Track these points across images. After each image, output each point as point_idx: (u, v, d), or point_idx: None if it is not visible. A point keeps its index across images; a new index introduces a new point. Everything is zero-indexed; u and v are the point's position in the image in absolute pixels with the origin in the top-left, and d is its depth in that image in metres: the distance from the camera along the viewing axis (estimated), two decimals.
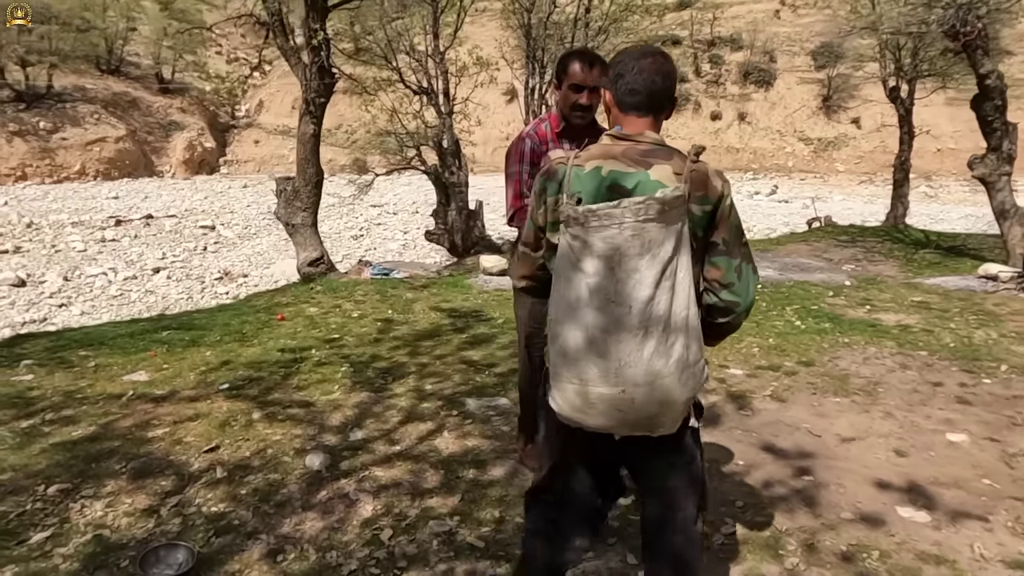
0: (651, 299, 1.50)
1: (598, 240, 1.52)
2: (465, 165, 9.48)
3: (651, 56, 1.68)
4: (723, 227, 1.62)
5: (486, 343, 5.06)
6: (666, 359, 1.52)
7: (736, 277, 1.63)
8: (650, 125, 1.68)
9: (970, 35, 6.57)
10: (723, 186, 1.61)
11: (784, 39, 38.03)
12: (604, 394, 1.55)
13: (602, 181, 1.59)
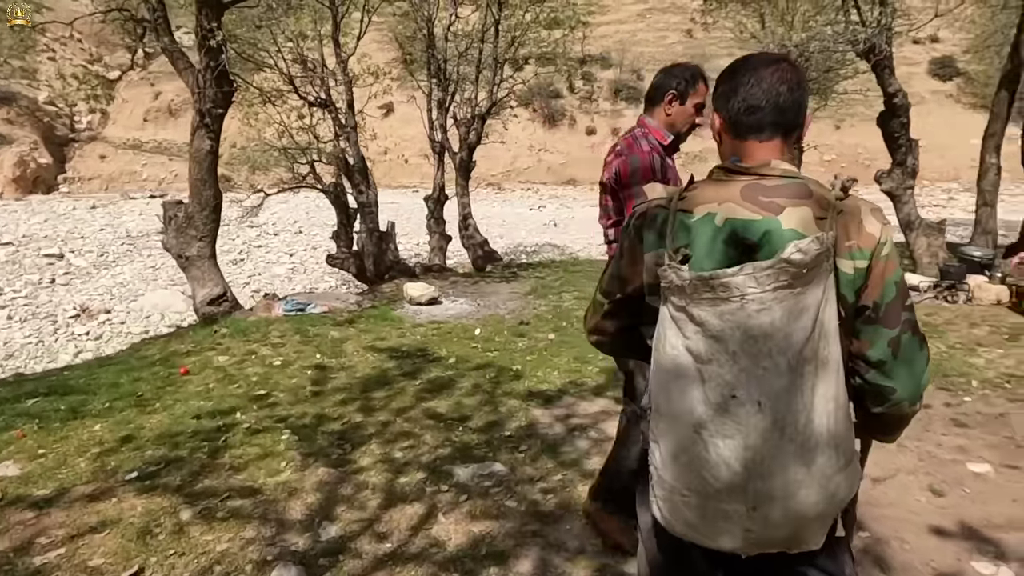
0: (786, 390, 1.14)
1: (712, 317, 1.17)
2: (374, 183, 8.71)
3: (772, 64, 1.28)
4: (875, 285, 1.19)
5: (447, 389, 4.41)
6: (808, 466, 1.16)
7: (890, 354, 1.20)
8: (777, 151, 1.27)
9: (880, 56, 6.86)
10: (882, 231, 1.20)
11: (649, 58, 40.02)
12: (727, 511, 1.21)
13: (717, 232, 1.21)
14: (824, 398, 1.15)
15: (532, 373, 4.71)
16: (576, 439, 3.69)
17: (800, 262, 1.11)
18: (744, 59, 1.33)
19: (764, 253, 1.16)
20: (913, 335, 1.21)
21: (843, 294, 1.18)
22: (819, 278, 1.13)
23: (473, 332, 5.78)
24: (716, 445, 1.18)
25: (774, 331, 1.13)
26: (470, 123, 9.56)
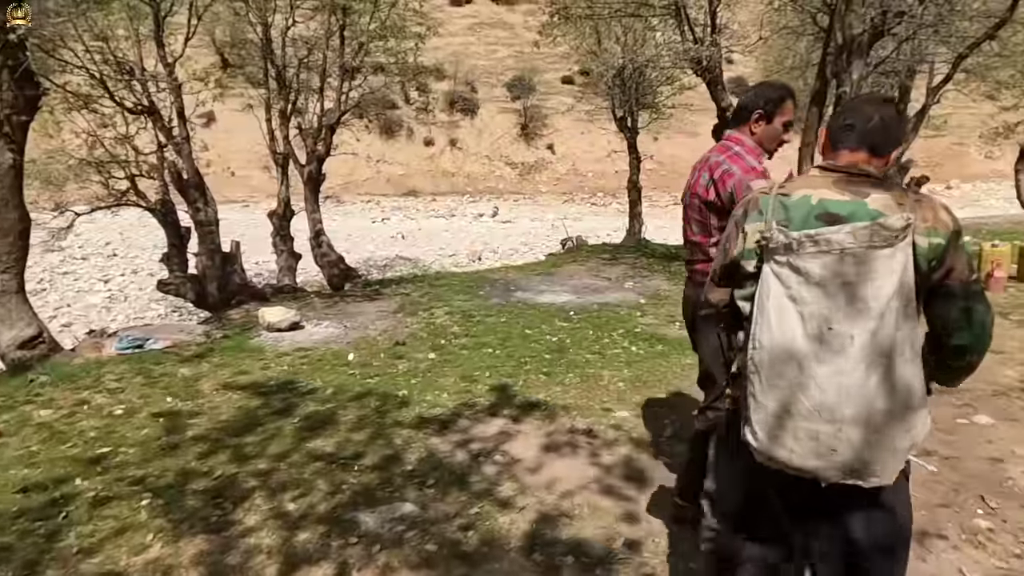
0: (875, 331, 1.43)
1: (816, 267, 1.49)
2: (212, 200, 7.88)
3: (876, 103, 1.68)
4: (958, 267, 1.51)
5: (329, 425, 4.02)
6: (890, 397, 1.43)
7: (966, 321, 1.53)
8: (865, 161, 1.63)
9: (714, 73, 7.43)
10: (954, 221, 1.52)
11: (482, 71, 40.81)
12: (815, 430, 1.47)
13: (811, 210, 1.56)
14: (905, 345, 1.42)
15: (420, 398, 4.45)
16: (482, 465, 3.50)
17: (891, 226, 1.44)
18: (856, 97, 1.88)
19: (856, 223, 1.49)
20: (980, 303, 1.53)
21: (919, 264, 1.46)
22: (903, 247, 1.44)
23: (346, 357, 5.38)
24: (812, 370, 1.45)
25: (867, 280, 1.44)
26: (318, 134, 9.00)
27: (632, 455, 3.61)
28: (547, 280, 8.54)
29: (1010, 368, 4.85)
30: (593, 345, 5.61)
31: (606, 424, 4.00)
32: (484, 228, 22.93)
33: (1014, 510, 3.06)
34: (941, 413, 4.13)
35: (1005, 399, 4.32)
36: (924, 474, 3.37)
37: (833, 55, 7.30)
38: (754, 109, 2.53)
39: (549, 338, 5.85)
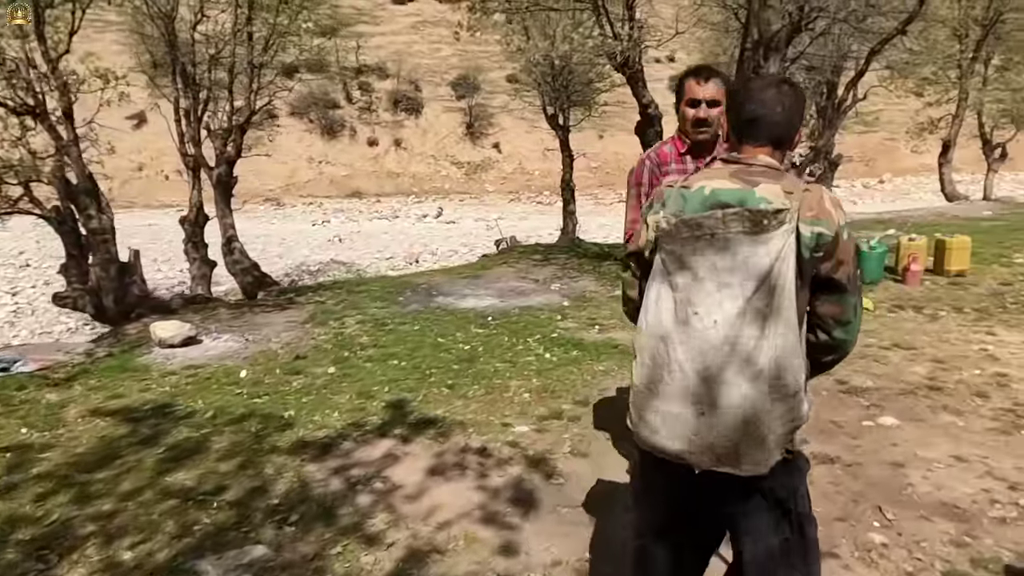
0: (741, 314, 1.44)
1: (688, 252, 1.51)
2: (107, 206, 7.33)
3: (774, 87, 1.65)
4: (846, 261, 1.53)
5: (197, 454, 3.65)
6: (755, 382, 1.43)
7: (853, 315, 1.58)
8: (768, 153, 1.63)
9: (633, 69, 7.28)
10: (840, 216, 1.53)
11: (426, 70, 40.31)
12: (681, 414, 1.48)
13: (706, 199, 1.55)
14: (775, 334, 1.42)
15: (307, 419, 4.11)
16: (357, 495, 3.20)
17: (757, 211, 1.44)
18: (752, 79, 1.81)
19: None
20: (859, 298, 1.59)
21: (801, 253, 1.45)
22: (779, 235, 1.43)
23: (238, 375, 4.99)
24: (676, 350, 1.47)
25: (735, 266, 1.44)
26: (227, 135, 8.51)
27: (524, 476, 3.37)
28: (472, 283, 8.26)
29: (919, 365, 4.80)
30: (506, 353, 5.35)
31: (502, 441, 3.74)
32: (426, 229, 22.54)
33: (910, 521, 2.92)
34: (847, 415, 4.02)
35: (912, 398, 4.24)
36: (823, 483, 3.23)
37: (750, 51, 7.24)
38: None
39: (461, 346, 5.57)
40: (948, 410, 4.05)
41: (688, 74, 2.59)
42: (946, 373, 4.62)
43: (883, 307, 6.32)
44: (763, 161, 1.58)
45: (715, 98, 2.51)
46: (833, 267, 1.50)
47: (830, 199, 1.52)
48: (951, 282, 7.13)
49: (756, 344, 1.41)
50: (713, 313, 1.45)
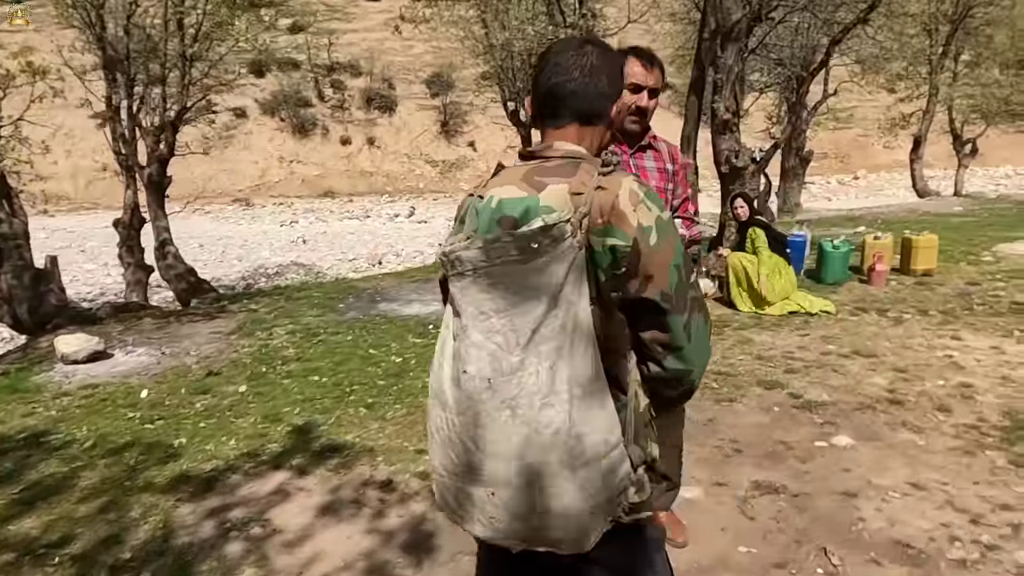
0: (518, 368, 1.11)
1: (457, 291, 1.19)
2: (20, 209, 6.78)
3: (572, 50, 1.29)
4: (658, 274, 1.16)
5: (57, 495, 3.18)
6: (544, 450, 1.10)
7: (686, 338, 1.20)
8: (573, 136, 1.28)
9: None
10: (641, 214, 1.15)
11: (399, 67, 39.78)
12: (470, 493, 1.18)
13: (492, 215, 1.23)
14: (568, 382, 1.11)
15: (198, 448, 3.66)
16: (228, 543, 2.76)
17: (524, 234, 1.10)
18: (554, 44, 1.33)
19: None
20: (699, 312, 1.21)
21: (597, 275, 1.14)
22: (562, 256, 1.10)
23: (138, 395, 4.52)
24: (454, 422, 1.18)
25: (505, 307, 1.12)
26: (159, 132, 7.98)
27: (428, 514, 2.95)
28: (422, 287, 7.83)
29: (880, 375, 4.45)
30: None
31: (412, 472, 3.32)
32: (395, 229, 22.04)
33: (858, 566, 2.54)
34: (798, 434, 3.65)
35: (870, 414, 3.88)
36: (765, 519, 2.85)
37: (708, 40, 6.88)
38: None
39: (393, 359, 5.14)
40: (908, 427, 3.69)
41: (629, 53, 2.27)
42: (907, 384, 4.28)
43: (845, 310, 5.99)
44: (562, 150, 1.25)
45: (656, 87, 2.27)
46: (641, 285, 1.15)
47: (629, 196, 1.15)
48: (918, 282, 6.83)
49: (543, 403, 1.10)
50: (483, 370, 1.12)
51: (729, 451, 3.50)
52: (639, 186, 1.18)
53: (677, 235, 1.20)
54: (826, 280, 6.85)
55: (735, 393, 4.22)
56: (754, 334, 5.44)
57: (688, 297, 1.18)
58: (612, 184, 1.16)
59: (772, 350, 5.03)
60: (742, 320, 5.83)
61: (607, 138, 1.34)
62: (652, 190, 1.22)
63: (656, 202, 1.19)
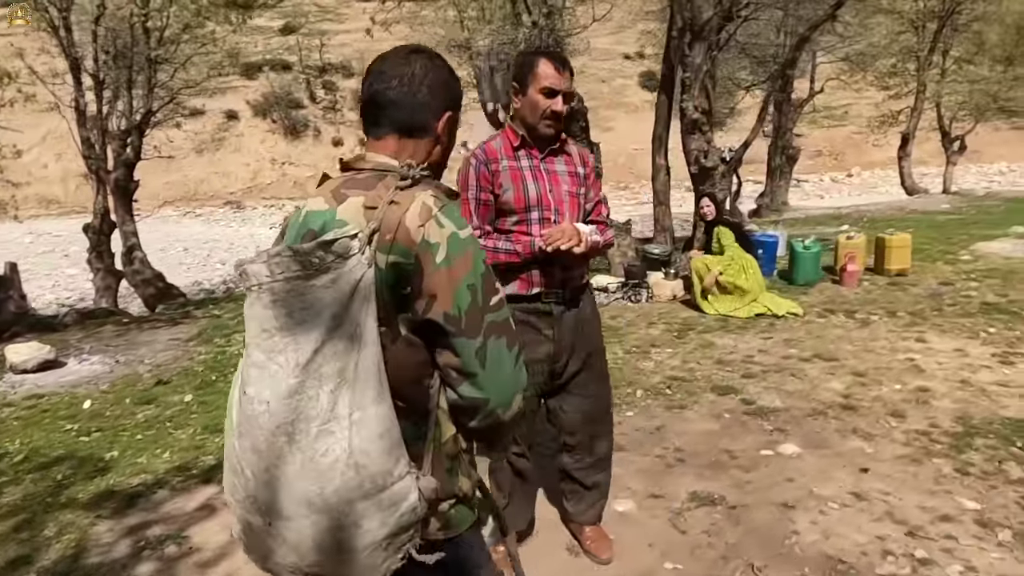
0: (297, 391, 1.03)
1: (246, 306, 1.13)
2: None
3: (399, 58, 1.23)
4: (442, 294, 1.08)
5: None
6: (321, 486, 1.03)
7: (479, 365, 1.11)
8: (391, 148, 1.22)
9: None
10: (429, 230, 1.08)
11: None
12: (252, 524, 1.10)
13: (300, 228, 1.19)
14: (350, 407, 1.04)
15: (130, 461, 3.57)
16: (140, 563, 2.68)
17: (302, 249, 1.04)
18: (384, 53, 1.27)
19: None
20: (500, 337, 1.12)
21: (383, 293, 1.08)
22: (348, 273, 1.04)
23: (81, 406, 4.43)
24: (234, 446, 1.13)
25: (288, 325, 1.05)
26: (125, 136, 7.89)
27: None
28: None
29: (837, 379, 4.36)
30: None
31: None
32: None
33: None
34: (745, 442, 3.56)
35: (821, 420, 3.79)
36: (697, 532, 2.77)
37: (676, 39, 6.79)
38: (511, 83, 2.24)
39: None
40: (858, 434, 3.60)
41: (540, 56, 2.22)
42: (864, 389, 4.19)
43: (813, 311, 5.90)
44: (373, 161, 1.19)
45: (571, 91, 2.24)
46: (426, 305, 1.08)
47: (419, 211, 1.08)
48: (891, 282, 6.75)
49: (321, 429, 1.03)
50: (263, 392, 1.06)
51: (672, 460, 3.42)
52: (436, 201, 1.11)
53: (478, 254, 1.12)
54: (797, 281, 6.77)
55: (687, 399, 4.13)
56: (717, 337, 5.35)
57: (485, 321, 1.10)
58: (405, 199, 1.10)
59: (733, 354, 4.94)
60: (707, 323, 5.74)
61: (437, 153, 1.27)
62: (453, 205, 1.14)
63: (452, 218, 1.11)
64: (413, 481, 1.08)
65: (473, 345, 1.09)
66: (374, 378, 1.05)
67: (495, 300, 1.12)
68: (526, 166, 2.29)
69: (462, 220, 1.13)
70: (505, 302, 1.15)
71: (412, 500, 1.07)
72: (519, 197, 2.25)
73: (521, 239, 2.25)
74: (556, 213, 2.30)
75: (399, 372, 1.09)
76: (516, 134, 2.28)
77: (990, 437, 3.47)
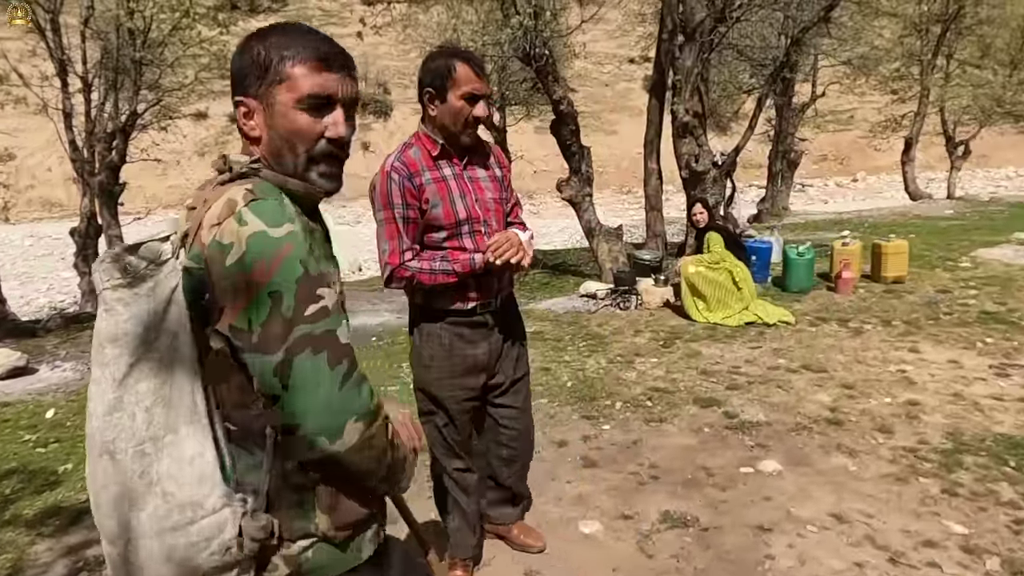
0: (116, 408, 0.95)
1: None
2: None
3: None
4: (231, 303, 0.93)
5: None
6: (139, 509, 0.94)
7: (279, 386, 0.94)
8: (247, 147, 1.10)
9: (540, 62, 6.67)
10: (224, 229, 0.93)
11: (395, 72, 39.68)
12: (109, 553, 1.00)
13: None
14: (166, 428, 0.95)
15: (82, 474, 3.41)
16: None
17: (118, 255, 0.97)
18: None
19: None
20: (317, 353, 0.95)
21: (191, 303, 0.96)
22: (164, 281, 0.96)
23: (44, 415, 4.31)
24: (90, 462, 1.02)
25: (113, 336, 0.97)
26: (110, 139, 7.80)
27: None
28: (378, 297, 7.62)
29: (825, 391, 4.20)
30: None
31: None
32: None
33: None
34: (724, 458, 3.41)
35: (805, 435, 3.63)
36: (664, 557, 2.61)
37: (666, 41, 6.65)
38: (422, 88, 2.06)
39: None
40: (842, 450, 3.44)
41: (455, 58, 2.05)
42: (852, 402, 4.03)
43: (805, 320, 5.74)
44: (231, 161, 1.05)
45: (490, 94, 2.17)
46: (219, 315, 0.95)
47: (223, 207, 0.95)
48: (887, 290, 6.57)
49: (136, 450, 0.94)
50: (97, 408, 0.97)
51: (645, 477, 3.26)
52: (246, 196, 0.96)
53: (295, 255, 0.95)
54: (791, 288, 6.60)
55: (667, 412, 3.98)
56: (704, 347, 5.19)
57: (293, 334, 0.93)
58: (216, 196, 0.97)
59: (718, 364, 4.79)
60: (695, 332, 5.58)
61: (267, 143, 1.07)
62: (274, 202, 0.98)
63: (265, 214, 0.94)
64: (231, 516, 0.95)
65: (269, 362, 0.93)
66: (188, 397, 0.96)
67: (313, 309, 0.95)
68: (449, 175, 2.12)
69: (281, 216, 0.95)
70: (332, 311, 0.98)
71: (225, 538, 0.94)
72: (448, 212, 2.08)
73: (458, 256, 2.10)
74: (485, 225, 2.16)
75: (224, 393, 0.99)
76: (434, 142, 2.11)
77: (981, 455, 3.30)
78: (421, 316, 2.23)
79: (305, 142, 1.04)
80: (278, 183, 1.02)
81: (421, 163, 2.08)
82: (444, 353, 2.20)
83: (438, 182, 2.08)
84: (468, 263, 2.07)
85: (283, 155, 1.05)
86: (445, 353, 2.20)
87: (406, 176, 2.05)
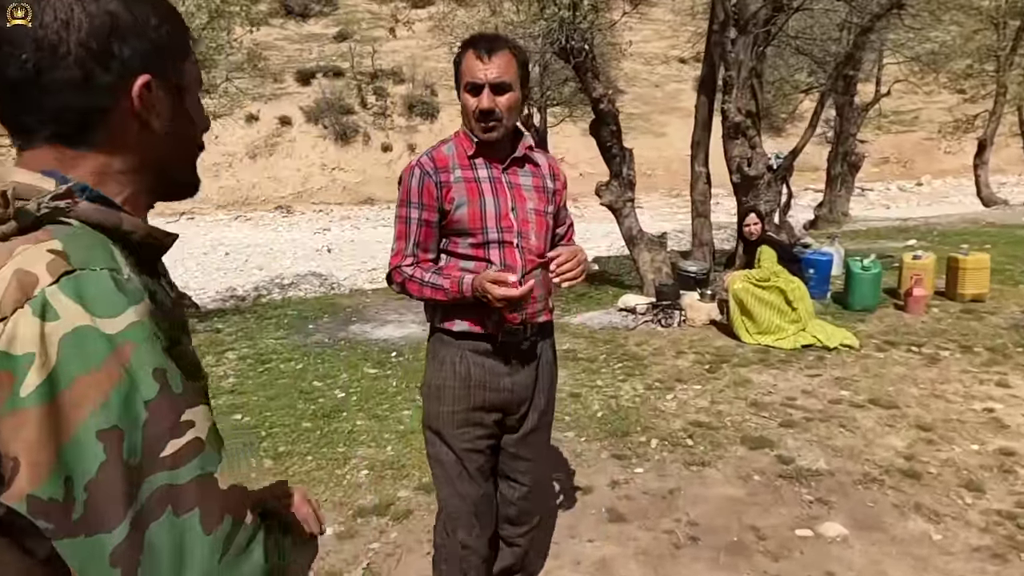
0: None
1: None
2: None
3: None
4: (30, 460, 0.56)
5: None
6: None
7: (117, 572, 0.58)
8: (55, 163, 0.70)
9: (579, 58, 6.22)
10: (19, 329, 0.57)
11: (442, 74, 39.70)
12: None
13: None
14: None
15: None
16: None
17: None
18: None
19: None
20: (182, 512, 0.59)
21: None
22: None
23: None
24: None
25: None
26: None
27: None
28: (406, 306, 7.28)
29: (897, 434, 3.62)
30: (381, 404, 4.33)
31: None
32: None
33: None
34: (777, 516, 2.89)
35: (876, 490, 3.08)
36: None
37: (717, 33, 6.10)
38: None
39: (336, 393, 4.58)
40: (922, 512, 2.89)
41: (468, 46, 1.81)
42: (931, 448, 3.44)
43: (871, 344, 5.11)
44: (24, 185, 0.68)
45: (503, 80, 1.76)
46: (4, 485, 0.59)
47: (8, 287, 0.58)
48: (965, 309, 5.87)
49: None
50: None
51: (683, 539, 2.78)
52: (55, 263, 0.59)
53: (128, 366, 0.59)
54: (854, 306, 5.96)
55: (710, 454, 3.47)
56: (754, 373, 4.64)
57: (144, 492, 0.58)
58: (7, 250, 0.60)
59: (771, 395, 4.24)
60: (744, 355, 5.02)
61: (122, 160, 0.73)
62: (95, 272, 0.61)
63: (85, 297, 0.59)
64: None
65: (103, 544, 0.56)
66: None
67: (176, 446, 0.60)
68: (484, 176, 1.85)
69: (115, 296, 0.60)
70: (207, 441, 0.63)
71: None
72: (474, 214, 1.79)
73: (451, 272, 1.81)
74: (520, 237, 1.83)
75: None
76: (471, 140, 1.85)
77: None
78: (435, 337, 1.91)
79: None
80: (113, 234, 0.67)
81: (453, 160, 1.85)
82: (459, 383, 1.85)
83: (468, 182, 1.82)
84: (457, 283, 1.74)
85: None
86: (460, 383, 1.85)
87: (431, 172, 1.83)
